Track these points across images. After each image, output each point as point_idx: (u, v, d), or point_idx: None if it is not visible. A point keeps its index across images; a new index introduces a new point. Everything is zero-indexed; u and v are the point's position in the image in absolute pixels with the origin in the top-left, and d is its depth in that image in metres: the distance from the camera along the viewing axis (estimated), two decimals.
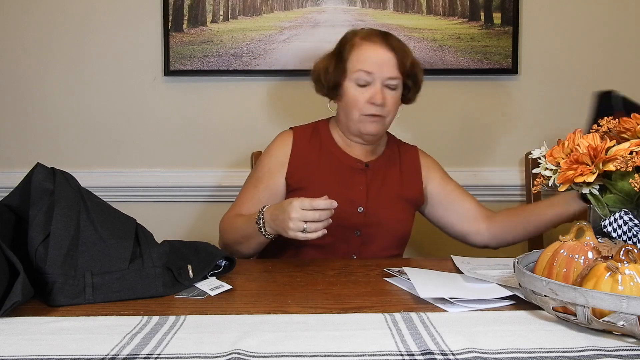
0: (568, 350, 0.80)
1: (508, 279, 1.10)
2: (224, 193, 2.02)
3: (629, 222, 0.97)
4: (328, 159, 1.48)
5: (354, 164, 1.48)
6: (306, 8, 2.04)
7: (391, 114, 1.43)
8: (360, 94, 1.40)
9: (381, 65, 1.38)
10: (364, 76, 1.38)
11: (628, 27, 2.06)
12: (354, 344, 0.82)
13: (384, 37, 1.41)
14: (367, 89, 1.39)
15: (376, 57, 1.38)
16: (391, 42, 1.40)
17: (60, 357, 0.79)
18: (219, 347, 0.81)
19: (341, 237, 1.41)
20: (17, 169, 2.10)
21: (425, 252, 2.09)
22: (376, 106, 1.39)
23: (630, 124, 1.02)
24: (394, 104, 1.42)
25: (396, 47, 1.40)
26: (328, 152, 1.49)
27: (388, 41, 1.40)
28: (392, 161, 1.52)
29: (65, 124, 2.11)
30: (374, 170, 1.48)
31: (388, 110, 1.41)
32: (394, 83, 1.40)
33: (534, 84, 2.07)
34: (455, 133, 2.09)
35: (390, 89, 1.40)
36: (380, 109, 1.39)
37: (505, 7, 2.02)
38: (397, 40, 1.43)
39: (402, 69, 1.40)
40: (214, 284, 1.12)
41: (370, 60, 1.39)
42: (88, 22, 2.07)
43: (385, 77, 1.38)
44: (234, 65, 2.04)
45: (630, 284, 0.82)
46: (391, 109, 1.42)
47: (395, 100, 1.43)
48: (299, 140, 1.50)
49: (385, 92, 1.40)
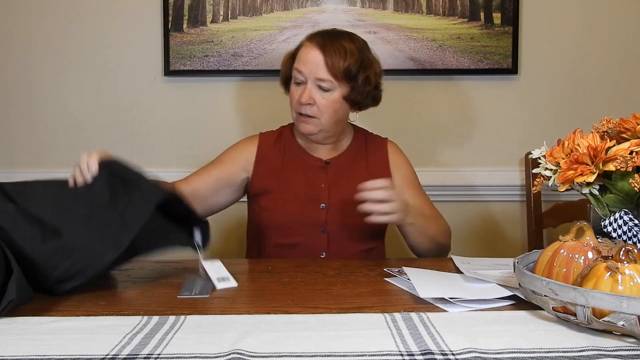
0: (568, 350, 0.80)
1: (508, 279, 1.10)
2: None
3: (629, 222, 0.97)
4: (291, 161, 1.51)
5: (315, 162, 1.51)
6: (306, 8, 2.04)
7: (325, 115, 1.42)
8: (295, 92, 1.44)
9: (311, 65, 1.40)
10: (298, 75, 1.42)
11: (628, 27, 2.06)
12: (354, 344, 0.82)
13: (323, 39, 1.42)
14: (301, 88, 1.42)
15: (307, 57, 1.41)
16: (327, 44, 1.40)
17: (60, 357, 0.79)
18: (219, 347, 0.81)
19: (307, 235, 1.44)
20: (17, 169, 2.10)
21: None
22: (304, 105, 1.41)
23: (630, 124, 1.02)
24: (327, 106, 1.41)
25: (332, 48, 1.40)
26: (291, 154, 1.52)
27: (324, 42, 1.41)
28: (358, 156, 1.53)
29: (66, 124, 2.11)
30: (336, 167, 1.50)
31: (319, 111, 1.41)
32: (325, 85, 1.40)
33: (534, 84, 2.07)
34: (455, 133, 2.09)
35: (323, 90, 1.41)
36: (309, 109, 1.41)
37: (505, 7, 2.02)
38: (344, 42, 1.42)
39: (334, 71, 1.39)
40: (220, 272, 1.12)
41: (304, 60, 1.42)
42: (88, 22, 2.07)
43: (314, 77, 1.40)
44: (234, 65, 2.04)
45: (630, 284, 0.82)
46: (324, 110, 1.41)
47: (330, 102, 1.41)
48: (263, 145, 1.54)
49: (317, 92, 1.41)
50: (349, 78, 1.41)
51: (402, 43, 2.03)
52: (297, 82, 1.44)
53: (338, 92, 1.42)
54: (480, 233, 2.11)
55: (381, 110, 2.04)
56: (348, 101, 1.45)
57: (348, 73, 1.40)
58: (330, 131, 1.47)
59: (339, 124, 1.49)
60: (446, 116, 2.09)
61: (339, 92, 1.42)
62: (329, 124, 1.44)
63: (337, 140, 1.53)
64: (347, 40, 1.43)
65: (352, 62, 1.40)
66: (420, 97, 2.08)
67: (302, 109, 1.42)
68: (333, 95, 1.42)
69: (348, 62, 1.39)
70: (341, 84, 1.41)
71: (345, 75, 1.40)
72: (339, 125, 1.49)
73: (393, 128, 2.07)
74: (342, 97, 1.43)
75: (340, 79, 1.40)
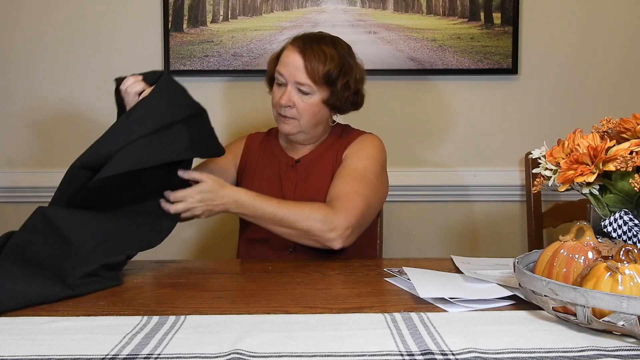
0: (568, 350, 0.80)
1: (508, 279, 1.10)
2: None
3: (629, 222, 0.97)
4: (269, 159, 1.57)
5: (287, 161, 1.55)
6: (306, 8, 2.04)
7: (304, 117, 1.45)
8: (276, 93, 1.48)
9: (291, 68, 1.43)
10: (279, 77, 1.46)
11: (628, 27, 2.06)
12: (354, 344, 0.82)
13: (304, 43, 1.45)
14: (282, 89, 1.46)
15: (288, 60, 1.44)
16: (308, 48, 1.43)
17: (60, 357, 0.79)
18: (219, 347, 0.81)
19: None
20: (17, 169, 2.11)
21: (426, 252, 2.09)
22: (283, 107, 1.44)
23: (630, 124, 1.02)
24: (306, 108, 1.44)
25: (312, 53, 1.42)
26: (270, 153, 1.58)
27: (305, 47, 1.43)
28: (327, 152, 1.53)
29: (66, 124, 2.11)
30: (304, 165, 1.53)
31: (298, 113, 1.45)
32: (304, 89, 1.43)
33: (534, 84, 2.07)
34: (455, 133, 2.09)
35: (303, 93, 1.44)
36: (288, 111, 1.45)
37: (505, 7, 2.02)
38: (325, 47, 1.44)
39: (313, 76, 1.41)
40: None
41: (284, 62, 1.45)
42: (88, 22, 2.07)
43: (294, 80, 1.43)
44: (234, 65, 2.04)
45: (630, 284, 0.82)
46: (303, 113, 1.45)
47: (309, 105, 1.44)
48: (250, 145, 1.61)
49: (296, 95, 1.44)
50: (328, 83, 1.43)
51: (402, 43, 2.03)
52: (278, 83, 1.47)
53: (317, 96, 1.45)
54: (480, 233, 2.11)
55: (381, 110, 2.05)
56: (327, 105, 1.47)
57: (327, 78, 1.42)
58: (309, 133, 1.50)
59: (319, 127, 1.51)
60: (446, 116, 2.09)
61: (318, 96, 1.45)
62: (307, 125, 1.47)
63: (317, 141, 1.56)
64: (328, 45, 1.45)
65: (332, 67, 1.42)
66: (420, 97, 2.08)
67: (282, 110, 1.46)
68: (312, 99, 1.45)
69: (328, 67, 1.42)
70: (320, 88, 1.44)
71: (325, 80, 1.43)
72: (319, 128, 1.52)
73: (393, 128, 2.07)
74: (322, 101, 1.46)
75: (320, 84, 1.43)
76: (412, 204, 2.07)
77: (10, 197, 2.09)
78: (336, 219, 1.33)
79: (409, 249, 2.10)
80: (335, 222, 1.32)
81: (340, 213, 1.34)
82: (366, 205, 1.39)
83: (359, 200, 1.37)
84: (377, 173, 1.47)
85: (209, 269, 1.29)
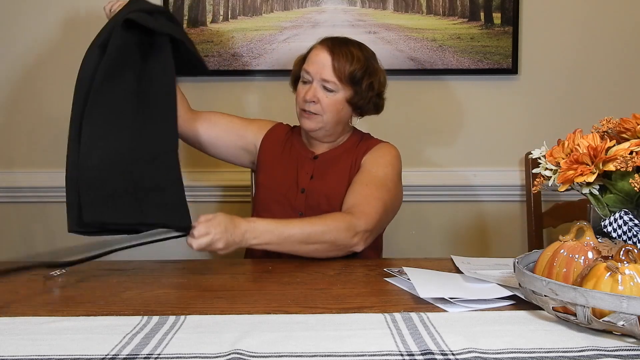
0: (568, 350, 0.80)
1: (508, 279, 1.10)
2: (225, 193, 2.02)
3: (629, 222, 0.97)
4: (288, 151, 1.61)
5: (306, 154, 1.59)
6: (306, 8, 2.04)
7: (327, 113, 1.49)
8: (301, 90, 1.52)
9: (318, 66, 1.48)
10: (305, 74, 1.50)
11: (628, 27, 2.06)
12: (354, 344, 0.82)
13: (333, 43, 1.50)
14: (307, 86, 1.50)
15: (316, 58, 1.49)
16: (336, 48, 1.48)
17: (60, 357, 0.79)
18: (219, 347, 0.81)
19: (287, 217, 1.45)
20: (17, 169, 2.11)
21: (426, 252, 2.09)
22: (307, 102, 1.48)
23: (630, 124, 1.02)
24: (330, 105, 1.49)
25: (340, 53, 1.48)
26: (291, 145, 1.62)
27: (334, 46, 1.49)
28: (347, 154, 1.58)
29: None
30: (323, 161, 1.57)
31: (322, 109, 1.49)
32: (329, 86, 1.48)
33: (534, 84, 2.07)
34: (455, 133, 2.09)
35: (328, 90, 1.48)
36: (312, 106, 1.49)
37: (505, 7, 2.02)
38: (352, 49, 1.49)
39: (340, 74, 1.47)
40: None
41: (312, 61, 1.50)
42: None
43: (320, 77, 1.48)
44: (234, 65, 2.04)
45: (630, 284, 0.82)
46: (326, 109, 1.49)
47: (333, 102, 1.49)
48: (274, 132, 1.64)
49: (321, 92, 1.48)
50: (353, 82, 1.48)
51: (402, 43, 2.03)
52: (304, 81, 1.51)
53: (341, 94, 1.49)
54: (480, 233, 2.11)
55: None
56: (350, 104, 1.52)
57: (352, 77, 1.48)
58: (330, 130, 1.54)
59: (340, 125, 1.55)
60: (446, 116, 2.09)
61: (343, 94, 1.49)
62: (330, 122, 1.51)
63: (336, 140, 1.60)
64: (355, 47, 1.51)
65: (357, 67, 1.47)
66: (420, 97, 2.08)
67: (306, 106, 1.49)
68: (336, 97, 1.49)
69: (354, 67, 1.47)
70: (345, 87, 1.48)
71: (350, 79, 1.47)
72: (340, 126, 1.56)
73: (393, 128, 2.07)
74: (345, 100, 1.50)
75: (345, 82, 1.48)
76: (412, 203, 2.07)
77: (10, 197, 2.09)
78: (358, 223, 1.36)
79: (409, 249, 2.10)
80: (357, 227, 1.36)
81: (362, 217, 1.37)
82: (384, 210, 1.43)
83: (378, 205, 1.41)
84: (395, 181, 1.52)
85: (209, 269, 1.29)
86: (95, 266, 1.26)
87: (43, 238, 2.12)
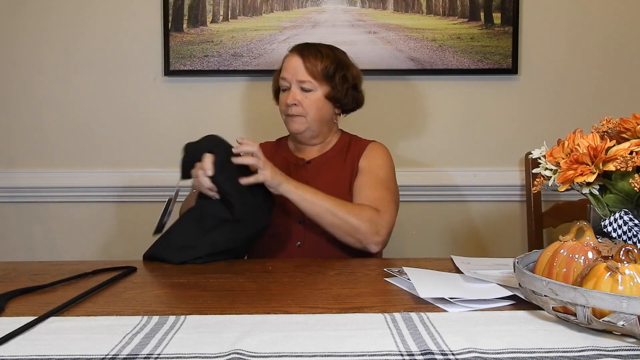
0: (568, 350, 0.80)
1: (508, 279, 1.10)
2: None
3: (629, 222, 0.97)
4: (279, 163, 1.60)
5: (298, 161, 1.62)
6: (306, 8, 2.04)
7: (310, 112, 1.55)
8: (282, 97, 1.58)
9: (292, 70, 1.55)
10: (283, 82, 1.57)
11: (628, 27, 2.06)
12: (354, 344, 0.82)
13: (302, 47, 1.58)
14: (287, 93, 1.56)
15: (289, 64, 1.56)
16: (304, 51, 1.56)
17: (60, 357, 0.79)
18: (219, 347, 0.81)
19: (286, 225, 1.53)
20: (17, 169, 2.11)
21: (426, 252, 2.09)
22: (289, 106, 1.55)
23: (630, 124, 1.02)
24: (311, 104, 1.55)
25: (309, 54, 1.55)
26: (280, 157, 1.65)
27: (303, 50, 1.56)
28: (338, 156, 1.61)
29: (66, 123, 2.11)
30: (315, 166, 1.60)
31: (304, 109, 1.54)
32: (306, 86, 1.54)
33: (534, 84, 2.07)
34: (455, 133, 2.09)
35: (306, 90, 1.55)
36: (294, 109, 1.54)
37: (505, 7, 2.02)
38: (320, 48, 1.57)
39: (312, 72, 1.53)
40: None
41: (286, 67, 1.57)
42: (88, 22, 2.07)
43: (296, 80, 1.54)
44: (234, 65, 2.04)
45: (630, 284, 0.82)
46: (308, 109, 1.55)
47: (313, 100, 1.55)
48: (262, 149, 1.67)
49: (299, 93, 1.55)
50: (327, 78, 1.55)
51: (402, 43, 2.03)
52: (283, 89, 1.58)
53: (319, 91, 1.55)
54: (480, 233, 2.11)
55: (381, 110, 2.05)
56: (330, 100, 1.57)
57: (326, 73, 1.54)
58: (316, 130, 1.58)
59: (324, 123, 1.59)
60: (446, 116, 2.09)
61: (320, 91, 1.55)
62: (314, 121, 1.56)
63: (324, 142, 1.64)
64: (324, 47, 1.58)
65: (328, 63, 1.54)
66: (420, 97, 2.08)
67: (289, 110, 1.55)
68: (315, 95, 1.55)
69: (325, 64, 1.54)
70: (321, 84, 1.55)
71: (324, 75, 1.54)
72: (324, 125, 1.60)
73: (393, 128, 2.08)
74: (324, 96, 1.56)
75: (319, 79, 1.54)
76: (412, 204, 2.07)
77: (10, 197, 2.09)
78: (381, 223, 1.42)
79: (409, 249, 2.10)
80: (380, 227, 1.42)
81: (384, 217, 1.44)
82: (396, 212, 1.51)
83: (392, 208, 1.49)
84: (394, 181, 1.59)
85: (209, 269, 1.29)
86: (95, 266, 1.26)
87: (43, 238, 2.12)
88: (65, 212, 2.12)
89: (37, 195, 2.10)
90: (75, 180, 2.10)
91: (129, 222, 2.11)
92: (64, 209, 2.12)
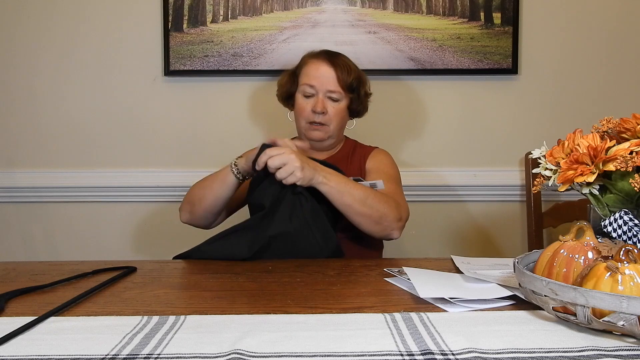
0: (568, 350, 0.80)
1: (508, 279, 1.10)
2: None
3: (629, 222, 0.97)
4: None
5: None
6: (306, 8, 2.04)
7: (334, 122, 1.60)
8: (306, 104, 1.60)
9: (322, 79, 1.58)
10: (308, 89, 1.59)
11: (628, 27, 2.06)
12: (354, 344, 0.82)
13: (329, 56, 1.61)
14: (311, 100, 1.59)
15: (318, 72, 1.59)
16: (334, 60, 1.59)
17: (60, 357, 0.79)
18: (219, 347, 0.81)
19: None
20: (17, 169, 2.11)
21: (426, 252, 2.09)
22: (317, 114, 1.58)
23: (630, 124, 1.02)
24: (336, 114, 1.60)
25: (339, 64, 1.59)
26: None
27: (332, 59, 1.60)
28: (343, 160, 1.66)
29: (65, 123, 2.11)
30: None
31: (330, 118, 1.59)
32: (335, 96, 1.59)
33: (534, 84, 2.07)
34: (455, 133, 2.09)
35: (333, 100, 1.59)
36: (321, 117, 1.58)
37: (505, 7, 2.02)
38: (344, 59, 1.62)
39: (343, 84, 1.58)
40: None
41: (314, 75, 1.59)
42: (88, 22, 2.07)
43: (326, 89, 1.58)
44: (234, 65, 2.04)
45: (630, 284, 0.82)
46: (333, 118, 1.60)
47: (338, 110, 1.60)
48: None
49: (327, 102, 1.59)
50: (351, 90, 1.61)
51: (402, 43, 2.03)
52: (306, 95, 1.60)
53: (344, 102, 1.62)
54: (480, 233, 2.11)
55: (381, 110, 2.05)
56: (349, 110, 1.65)
57: (351, 86, 1.61)
58: (334, 137, 1.64)
59: (341, 131, 1.67)
60: (446, 116, 2.09)
61: (345, 102, 1.62)
62: (336, 130, 1.62)
63: (335, 146, 1.69)
64: (346, 59, 1.64)
65: (354, 77, 1.61)
66: (420, 97, 2.08)
67: (316, 117, 1.58)
68: (340, 105, 1.61)
69: (352, 77, 1.60)
70: (346, 95, 1.61)
71: (349, 88, 1.60)
72: (341, 132, 1.67)
73: (393, 128, 2.08)
74: (347, 107, 1.63)
75: (346, 91, 1.60)
76: (412, 204, 2.06)
77: (10, 197, 2.09)
78: (402, 210, 1.47)
79: (409, 249, 2.10)
80: (401, 211, 1.47)
81: (404, 205, 1.51)
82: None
83: (404, 200, 1.55)
84: (401, 182, 1.64)
85: (209, 269, 1.29)
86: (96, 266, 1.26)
87: (43, 238, 2.12)
88: (65, 212, 2.12)
89: (37, 195, 2.10)
90: (75, 180, 2.10)
91: (129, 222, 2.11)
92: (64, 209, 2.12)
